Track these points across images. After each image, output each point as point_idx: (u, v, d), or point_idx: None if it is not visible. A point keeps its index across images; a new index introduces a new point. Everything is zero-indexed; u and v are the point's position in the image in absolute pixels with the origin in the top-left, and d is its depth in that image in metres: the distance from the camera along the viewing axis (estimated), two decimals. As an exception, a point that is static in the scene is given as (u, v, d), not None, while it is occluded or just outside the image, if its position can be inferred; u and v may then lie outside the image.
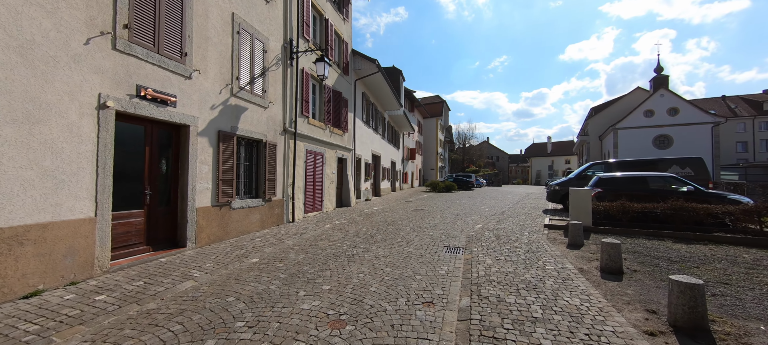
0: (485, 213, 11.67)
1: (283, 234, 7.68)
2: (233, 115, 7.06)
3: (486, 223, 9.40)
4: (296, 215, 9.56)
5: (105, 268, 4.56)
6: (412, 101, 31.01)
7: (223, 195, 6.68)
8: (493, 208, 13.42)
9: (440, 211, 12.25)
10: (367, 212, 11.70)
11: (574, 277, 4.54)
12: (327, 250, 6.21)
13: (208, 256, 5.62)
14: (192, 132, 5.99)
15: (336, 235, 7.65)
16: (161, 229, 5.69)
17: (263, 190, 8.06)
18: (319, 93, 11.39)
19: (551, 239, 7.09)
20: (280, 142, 8.84)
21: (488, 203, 15.54)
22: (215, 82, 6.55)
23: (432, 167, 41.04)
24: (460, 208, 13.03)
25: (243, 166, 7.66)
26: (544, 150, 71.70)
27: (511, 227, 8.56)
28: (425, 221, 9.68)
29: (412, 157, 31.51)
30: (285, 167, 9.06)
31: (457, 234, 7.77)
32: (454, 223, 9.39)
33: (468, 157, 55.05)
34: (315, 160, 10.77)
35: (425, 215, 10.97)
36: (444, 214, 11.41)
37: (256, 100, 7.81)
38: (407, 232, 7.89)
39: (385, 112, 21.53)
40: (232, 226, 7.04)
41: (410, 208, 13.02)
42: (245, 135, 7.44)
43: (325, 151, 11.51)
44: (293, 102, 9.41)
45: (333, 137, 12.21)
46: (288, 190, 9.18)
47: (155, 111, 5.30)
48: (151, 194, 5.47)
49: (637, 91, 40.98)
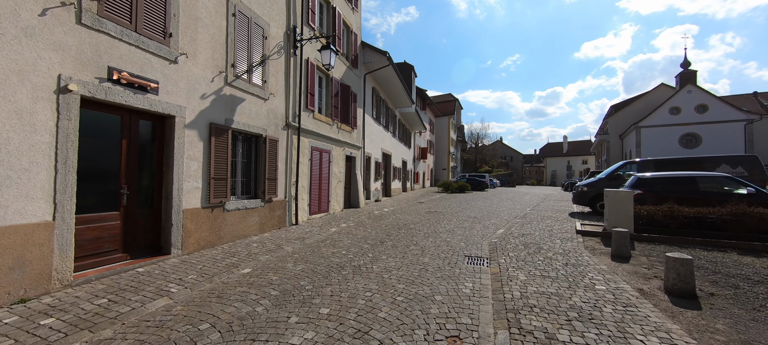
0: (505, 216, 10.69)
1: (284, 238, 6.92)
2: (228, 106, 6.33)
3: (508, 227, 8.44)
4: (300, 217, 8.80)
5: (66, 281, 3.85)
6: (423, 99, 30.06)
7: (215, 195, 5.96)
8: (513, 210, 12.40)
9: (455, 213, 11.33)
10: (376, 214, 10.87)
11: (637, 302, 3.60)
12: (330, 259, 5.40)
13: (193, 266, 4.88)
14: (178, 123, 5.27)
15: (342, 240, 6.84)
16: (141, 234, 4.98)
17: (263, 190, 7.32)
18: (326, 86, 10.63)
19: (590, 249, 6.10)
20: (282, 137, 8.09)
21: (506, 205, 14.50)
22: (206, 69, 5.82)
23: (444, 167, 39.95)
24: (476, 211, 12.07)
25: (240, 163, 6.94)
26: (560, 150, 69.47)
27: (539, 233, 7.59)
28: (440, 225, 8.79)
29: (424, 156, 30.55)
30: (288, 165, 8.31)
31: (477, 240, 6.86)
32: (473, 227, 8.47)
33: (481, 157, 53.62)
34: (321, 158, 10.01)
35: (440, 218, 10.07)
36: (460, 216, 10.48)
37: (255, 90, 7.07)
38: (421, 238, 7.03)
39: (396, 109, 20.67)
40: (227, 229, 6.31)
41: (423, 210, 12.13)
42: (242, 129, 6.71)
43: (332, 148, 10.74)
44: (297, 94, 8.66)
45: (341, 134, 11.43)
46: (291, 190, 8.43)
47: (133, 98, 4.58)
48: (129, 194, 4.76)
49: (660, 87, 39.07)
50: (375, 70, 13.75)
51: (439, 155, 40.02)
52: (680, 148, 31.56)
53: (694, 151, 30.51)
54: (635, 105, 39.89)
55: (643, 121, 34.00)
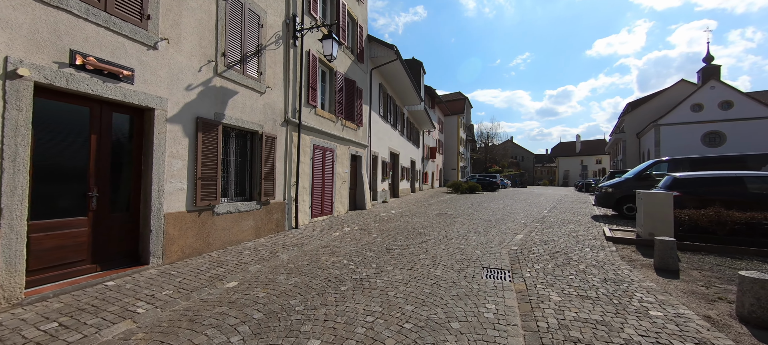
0: (521, 219, 9.89)
1: (281, 245, 6.30)
2: (218, 99, 5.73)
3: (527, 232, 7.66)
4: (300, 220, 8.18)
5: (15, 299, 3.28)
6: (432, 97, 29.28)
7: (203, 197, 5.36)
8: (529, 212, 11.57)
9: (467, 215, 10.57)
10: (383, 216, 10.20)
11: (713, 338, 2.83)
12: (329, 270, 4.75)
13: (172, 279, 4.27)
14: (158, 117, 4.68)
15: (344, 247, 6.18)
16: (115, 242, 4.40)
17: (259, 192, 6.72)
18: (330, 81, 10.00)
19: (627, 260, 5.30)
20: (281, 134, 7.48)
21: (521, 206, 13.66)
22: (192, 57, 5.23)
23: (453, 167, 39.05)
24: (489, 213, 11.28)
25: (233, 162, 6.34)
26: (573, 149, 67.64)
27: (563, 240, 6.80)
28: (452, 229, 8.06)
29: (433, 156, 29.76)
30: (287, 164, 7.70)
31: (494, 248, 6.12)
32: (488, 232, 7.71)
33: (491, 157, 52.44)
34: (324, 157, 9.38)
35: (451, 221, 9.33)
36: (473, 219, 9.73)
37: (250, 83, 6.47)
38: (432, 245, 6.32)
39: (405, 107, 19.97)
40: (217, 235, 5.71)
41: (432, 212, 11.40)
42: (235, 124, 6.11)
43: (336, 146, 10.11)
44: (297, 89, 8.04)
45: (345, 131, 10.79)
46: (290, 192, 7.82)
47: (102, 87, 4.01)
48: (100, 197, 4.18)
49: (681, 83, 37.52)
50: (382, 65, 13.08)
51: (449, 155, 39.13)
52: (703, 147, 30.07)
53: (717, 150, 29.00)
54: (653, 102, 38.42)
55: (662, 119, 32.60)
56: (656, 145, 32.60)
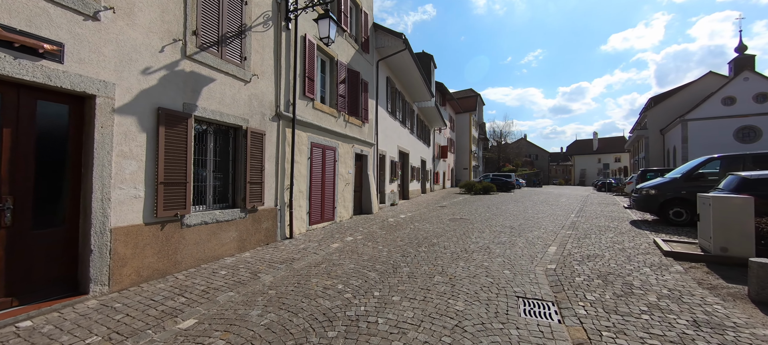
0: (548, 225, 8.63)
1: (267, 261, 5.26)
2: (188, 86, 4.73)
3: (561, 243, 6.44)
4: (296, 229, 7.14)
5: None
6: (443, 94, 28.00)
7: (167, 206, 4.36)
8: (554, 216, 10.28)
9: (486, 220, 9.36)
10: (391, 222, 9.09)
11: None
12: (318, 300, 3.67)
13: (111, 316, 3.26)
14: (102, 107, 3.69)
15: (342, 263, 5.10)
16: (42, 267, 3.42)
17: (243, 197, 5.70)
18: (330, 71, 8.95)
19: (707, 286, 4.05)
20: (271, 130, 6.46)
21: (543, 210, 12.34)
22: (151, 33, 4.23)
23: (465, 166, 37.63)
24: (510, 217, 10.04)
25: (210, 162, 5.34)
26: (590, 147, 65.03)
27: (610, 254, 5.56)
28: (470, 238, 6.89)
29: (444, 155, 28.48)
30: (279, 165, 6.67)
31: (525, 265, 4.95)
32: (513, 242, 6.52)
33: (504, 156, 50.65)
34: (323, 156, 8.33)
35: (468, 228, 8.15)
36: (492, 225, 8.52)
37: (230, 69, 5.46)
38: (448, 261, 5.18)
39: (414, 103, 18.80)
40: (187, 251, 4.70)
41: (446, 217, 10.24)
42: (212, 118, 5.11)
43: (338, 144, 9.05)
44: (291, 78, 7.01)
45: (349, 128, 9.73)
46: (284, 196, 6.79)
47: (14, 66, 3.03)
48: (15, 209, 3.21)
49: (708, 76, 35.38)
50: (389, 55, 11.96)
51: (460, 154, 37.72)
52: (735, 143, 27.97)
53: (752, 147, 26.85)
54: (678, 97, 36.34)
55: (689, 114, 30.57)
56: (683, 141, 30.63)
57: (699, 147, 29.58)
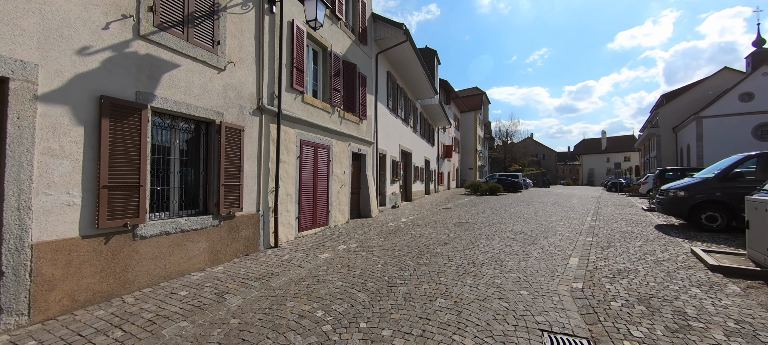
0: (564, 230, 7.76)
1: (241, 277, 4.50)
2: (142, 72, 3.98)
3: (584, 254, 5.58)
4: (282, 236, 6.38)
5: None
6: (447, 92, 27.11)
7: (113, 214, 3.61)
8: (569, 220, 9.39)
9: (494, 225, 8.52)
10: (391, 227, 8.29)
11: None
12: (286, 336, 2.87)
13: (14, 360, 2.52)
14: (18, 93, 2.95)
15: (328, 280, 4.32)
16: (-65, 294, 2.70)
17: (216, 202, 4.95)
18: (323, 63, 8.17)
19: (785, 317, 3.19)
20: (252, 125, 5.70)
21: (555, 212, 11.44)
22: (91, 6, 3.49)
23: (470, 166, 36.66)
24: (520, 221, 9.18)
25: (176, 162, 4.59)
26: (598, 146, 63.48)
27: (644, 268, 4.69)
28: (478, 247, 6.06)
29: (449, 155, 27.59)
30: (262, 165, 5.92)
31: (545, 282, 4.12)
32: (528, 252, 5.67)
33: (510, 156, 49.48)
34: (315, 155, 7.56)
35: (475, 234, 7.32)
36: (502, 231, 7.67)
37: (199, 54, 4.71)
38: (453, 277, 4.36)
39: (417, 100, 17.97)
40: (142, 268, 3.95)
41: (451, 221, 9.40)
42: (174, 109, 4.36)
43: (332, 142, 8.28)
44: (276, 68, 6.25)
45: (344, 125, 8.95)
46: (267, 200, 6.03)
47: None
48: None
49: (724, 72, 34.10)
50: (389, 48, 11.16)
51: (465, 154, 36.75)
52: (754, 141, 26.69)
53: (772, 144, 25.55)
54: (691, 93, 35.10)
55: (705, 111, 29.36)
56: (698, 139, 29.43)
57: (715, 145, 28.41)
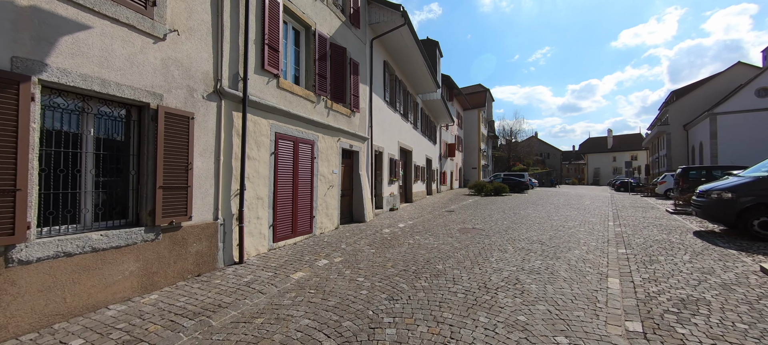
0: (587, 238, 6.54)
1: (176, 311, 3.33)
2: (22, 30, 2.82)
3: (621, 271, 4.37)
4: (251, 249, 5.22)
5: None
6: (450, 88, 25.88)
7: (-33, 232, 2.47)
8: (588, 225, 8.16)
9: (505, 231, 7.30)
10: (386, 235, 7.10)
11: None
12: None
13: None
14: None
15: (291, 319, 3.14)
16: None
17: (151, 210, 3.79)
18: (306, 44, 7.00)
19: None
20: (206, 112, 4.54)
21: (570, 215, 10.21)
22: None
23: (474, 166, 35.37)
24: (534, 227, 7.96)
25: (89, 157, 3.43)
26: (603, 145, 61.83)
27: (713, 298, 3.46)
28: (490, 262, 4.87)
29: (451, 153, 26.35)
30: (223, 162, 4.75)
31: (587, 322, 2.91)
32: (553, 269, 4.46)
33: (514, 155, 48.10)
34: (296, 151, 6.39)
35: (484, 244, 6.11)
36: (515, 239, 6.46)
37: (123, 14, 3.54)
38: (459, 311, 3.17)
39: (418, 95, 16.76)
40: (21, 305, 2.79)
41: (454, 226, 8.21)
42: (83, 86, 3.20)
43: (317, 137, 7.11)
44: (241, 44, 5.08)
45: (333, 117, 7.78)
46: (230, 205, 4.86)
47: None
48: None
49: (737, 67, 32.69)
50: (385, 33, 9.96)
51: (469, 152, 35.47)
52: (773, 138, 25.24)
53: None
54: (703, 89, 33.70)
55: (719, 107, 27.98)
56: (712, 137, 28.03)
57: (730, 143, 27.07)
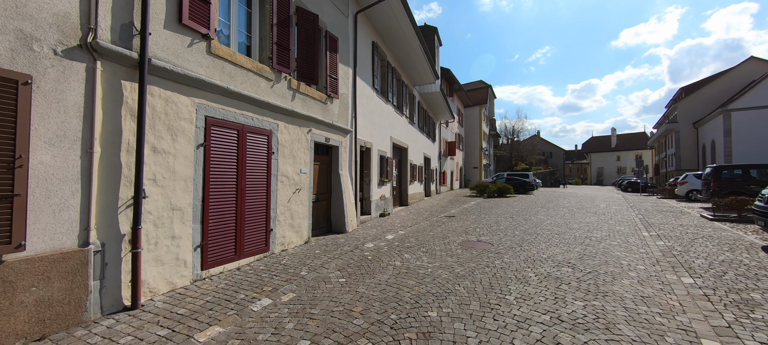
0: (627, 257, 4.81)
1: None
2: None
3: (720, 328, 2.66)
4: (158, 285, 3.52)
5: None
6: (450, 83, 24.14)
7: None
8: (621, 236, 6.43)
9: (520, 247, 5.59)
10: (368, 252, 5.40)
11: None
12: None
13: None
14: None
15: None
16: None
17: None
18: (260, 3, 5.30)
19: None
20: (63, 78, 2.85)
21: (590, 222, 8.47)
22: None
23: (475, 165, 33.58)
24: (554, 239, 6.24)
25: None
26: (607, 144, 59.87)
27: None
28: (508, 305, 3.15)
29: (452, 152, 24.60)
30: (98, 154, 3.07)
31: None
32: (608, 323, 2.75)
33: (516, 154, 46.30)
34: (242, 143, 4.69)
35: (495, 266, 4.39)
36: (535, 259, 4.74)
37: None
38: None
39: (415, 87, 15.03)
40: None
41: (455, 238, 6.49)
42: None
43: (276, 125, 5.40)
44: (142, -18, 3.39)
45: (300, 102, 6.07)
46: (118, 222, 3.17)
47: None
48: None
49: (750, 61, 30.96)
50: (371, 4, 8.22)
51: (470, 151, 33.69)
52: (792, 135, 23.49)
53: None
54: (714, 86, 32.00)
55: (733, 103, 26.24)
56: (726, 134, 26.28)
57: (745, 140, 25.33)
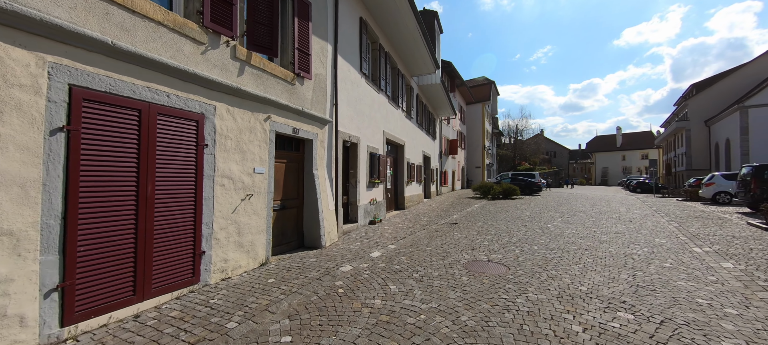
0: (697, 290, 3.26)
1: None
2: None
3: None
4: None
5: None
6: (452, 77, 22.54)
7: None
8: (666, 251, 4.88)
9: (544, 273, 4.06)
10: (340, 281, 3.89)
11: None
12: None
13: None
14: None
15: None
16: None
17: None
18: (190, -62, 3.79)
19: None
20: None
21: (619, 231, 6.90)
22: None
23: (477, 165, 31.97)
24: (584, 259, 4.70)
25: None
26: (612, 143, 58.00)
27: None
28: None
29: (453, 151, 23.03)
30: None
31: None
32: None
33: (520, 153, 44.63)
34: (149, 130, 3.18)
35: (520, 313, 2.86)
36: (574, 299, 3.20)
37: None
38: None
39: (413, 77, 13.48)
40: None
41: (459, 256, 4.97)
42: None
43: (211, 106, 3.89)
44: None
45: (252, 78, 4.56)
46: None
47: None
48: None
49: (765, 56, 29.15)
50: (357, -32, 6.74)
51: (472, 150, 32.07)
52: (816, 133, 21.78)
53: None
54: (727, 82, 30.24)
55: (750, 99, 24.52)
56: (742, 132, 24.55)
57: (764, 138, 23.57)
